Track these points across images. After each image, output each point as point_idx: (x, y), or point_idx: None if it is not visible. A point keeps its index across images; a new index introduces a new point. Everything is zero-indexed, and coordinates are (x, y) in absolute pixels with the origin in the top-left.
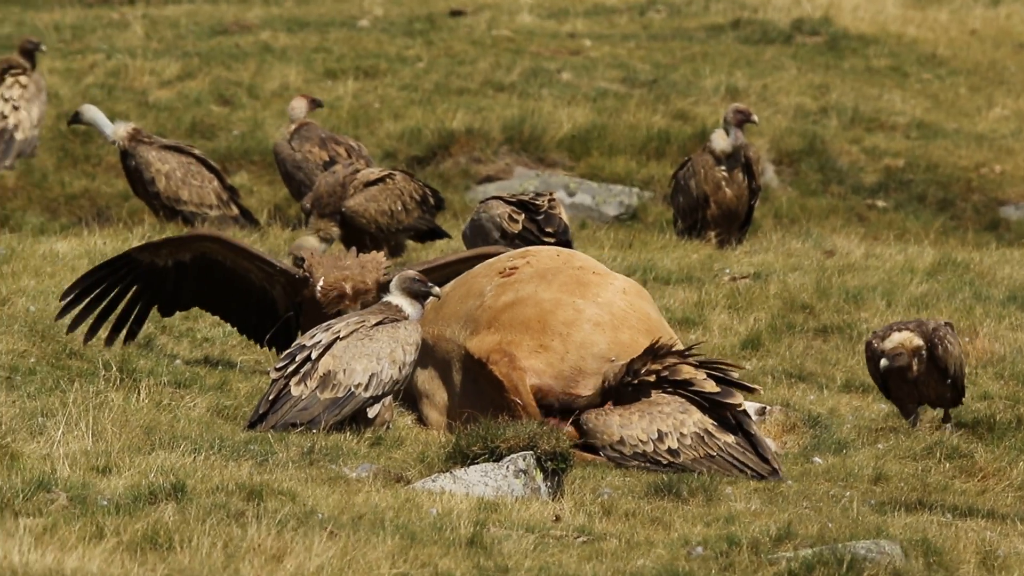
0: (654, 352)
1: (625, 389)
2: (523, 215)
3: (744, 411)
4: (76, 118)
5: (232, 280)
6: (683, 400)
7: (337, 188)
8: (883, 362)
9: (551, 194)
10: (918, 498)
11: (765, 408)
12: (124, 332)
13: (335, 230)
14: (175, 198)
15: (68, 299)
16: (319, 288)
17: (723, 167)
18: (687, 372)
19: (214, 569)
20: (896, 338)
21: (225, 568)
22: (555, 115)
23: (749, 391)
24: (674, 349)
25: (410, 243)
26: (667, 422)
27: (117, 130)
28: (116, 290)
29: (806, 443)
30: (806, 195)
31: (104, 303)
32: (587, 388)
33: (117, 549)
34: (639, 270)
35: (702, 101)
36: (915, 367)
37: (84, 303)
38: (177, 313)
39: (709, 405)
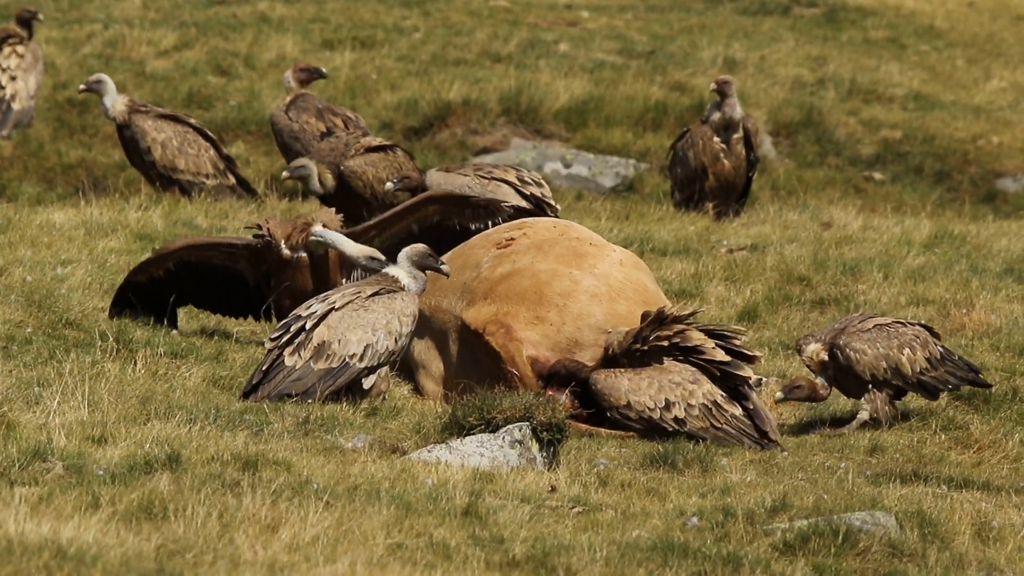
0: (660, 319)
1: (633, 355)
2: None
3: (748, 382)
4: (92, 86)
5: (204, 273)
6: (695, 370)
7: (340, 146)
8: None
9: (540, 179)
10: (913, 470)
11: (761, 379)
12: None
13: (330, 177)
14: (171, 167)
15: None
16: (283, 245)
17: (720, 139)
18: (697, 339)
19: (209, 539)
20: (810, 349)
21: (220, 538)
22: (552, 86)
23: (750, 360)
24: (678, 315)
25: None
26: (676, 392)
27: (115, 105)
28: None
29: (802, 414)
30: (803, 167)
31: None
32: (584, 359)
33: (113, 519)
34: (636, 242)
35: (699, 72)
36: (823, 391)
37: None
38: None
39: (720, 375)
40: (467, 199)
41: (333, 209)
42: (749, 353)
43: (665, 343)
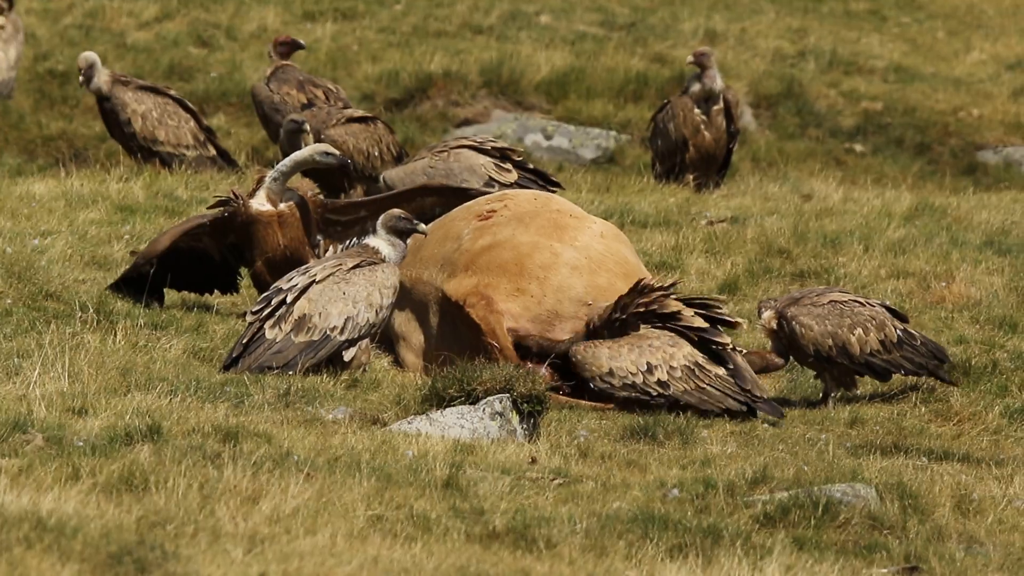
0: (640, 290)
1: (613, 326)
2: (509, 164)
3: (727, 346)
4: (87, 73)
5: (174, 258)
6: (672, 334)
7: (321, 115)
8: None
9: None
10: (893, 442)
11: (742, 351)
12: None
13: (311, 139)
14: (151, 139)
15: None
16: (249, 200)
17: (701, 111)
18: (674, 306)
19: (190, 510)
20: (765, 316)
21: (201, 509)
22: (533, 58)
23: (731, 326)
24: (658, 286)
25: None
26: (656, 355)
27: (100, 76)
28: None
29: (782, 387)
30: (784, 139)
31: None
32: (564, 332)
33: (93, 490)
34: (616, 213)
35: (680, 44)
36: (775, 361)
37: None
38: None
39: (699, 339)
40: (465, 191)
41: (308, 180)
42: (732, 319)
43: (642, 309)
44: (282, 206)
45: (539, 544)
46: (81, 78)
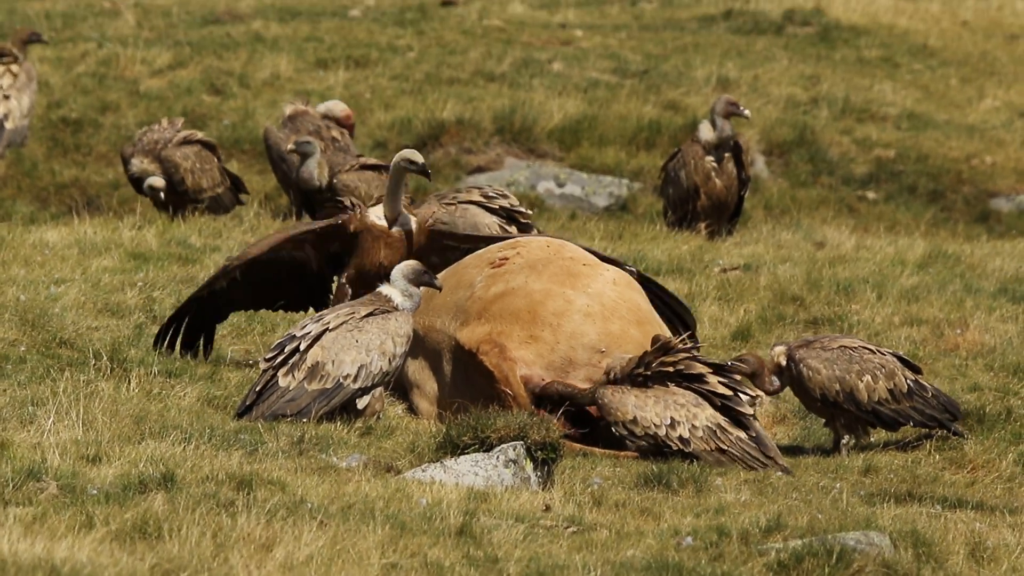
0: (665, 348)
1: (635, 380)
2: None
3: (748, 416)
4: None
5: (269, 268)
6: (697, 396)
7: (337, 160)
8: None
9: (506, 191)
10: (907, 490)
11: (756, 399)
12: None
13: (326, 175)
14: (198, 188)
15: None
16: (371, 211)
17: (712, 158)
18: (700, 369)
19: (203, 559)
20: (775, 351)
21: (215, 558)
22: (546, 105)
23: (751, 399)
24: (683, 346)
25: None
26: (681, 412)
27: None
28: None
29: (796, 434)
30: (796, 186)
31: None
32: (579, 379)
33: (107, 539)
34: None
35: (693, 92)
36: (770, 383)
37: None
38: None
39: (720, 404)
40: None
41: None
42: (749, 392)
43: (670, 369)
44: (395, 229)
45: None
46: (162, 195)
